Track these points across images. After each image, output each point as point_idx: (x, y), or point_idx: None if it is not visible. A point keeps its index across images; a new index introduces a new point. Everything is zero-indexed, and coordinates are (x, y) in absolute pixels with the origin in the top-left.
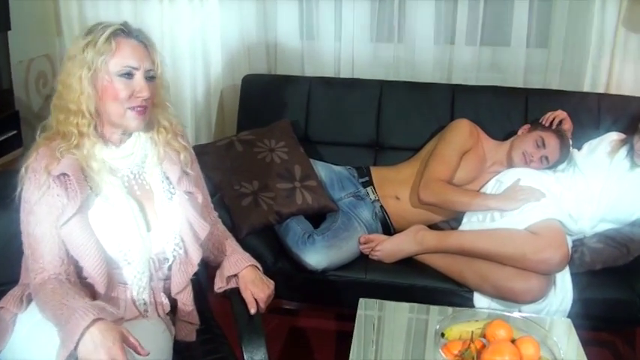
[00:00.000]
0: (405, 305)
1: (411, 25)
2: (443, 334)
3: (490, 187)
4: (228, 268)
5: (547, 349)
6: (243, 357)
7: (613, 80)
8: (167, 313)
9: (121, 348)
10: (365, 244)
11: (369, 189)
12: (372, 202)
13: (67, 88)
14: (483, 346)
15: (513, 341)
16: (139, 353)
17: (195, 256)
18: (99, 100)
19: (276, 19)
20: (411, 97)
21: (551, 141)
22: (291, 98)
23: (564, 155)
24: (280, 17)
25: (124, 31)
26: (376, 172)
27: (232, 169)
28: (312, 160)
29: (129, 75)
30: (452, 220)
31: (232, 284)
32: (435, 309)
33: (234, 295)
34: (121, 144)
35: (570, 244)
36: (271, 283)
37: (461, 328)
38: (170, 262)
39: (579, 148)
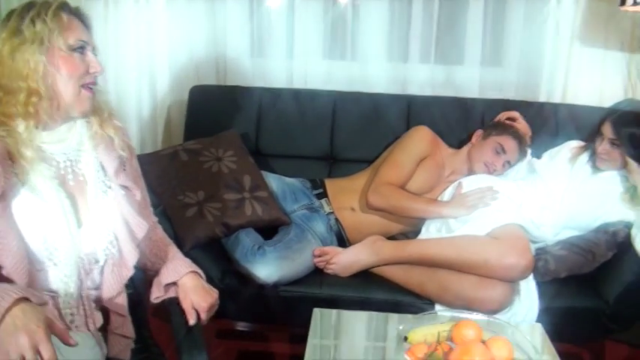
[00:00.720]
0: (363, 314)
1: (365, 43)
2: (406, 338)
3: (447, 195)
4: (167, 275)
5: (520, 350)
6: None
7: (568, 94)
8: (98, 329)
9: (45, 332)
10: (319, 257)
11: (323, 201)
12: (327, 215)
13: (4, 65)
14: (451, 350)
15: (483, 342)
16: (66, 342)
17: (131, 258)
18: (52, 77)
19: (225, 34)
20: (365, 108)
21: (509, 144)
22: (240, 110)
23: (522, 154)
24: (230, 33)
25: (67, 6)
26: (331, 184)
27: (176, 178)
28: (262, 172)
29: (82, 49)
30: (410, 233)
31: (171, 293)
32: (394, 316)
33: (173, 305)
34: (56, 127)
35: (533, 252)
36: (215, 292)
37: (425, 331)
38: (102, 263)
39: (539, 157)
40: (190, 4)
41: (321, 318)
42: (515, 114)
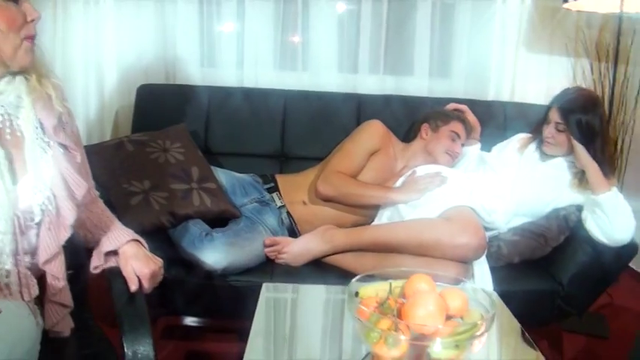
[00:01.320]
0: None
1: (315, 54)
2: (357, 294)
3: (399, 185)
4: (107, 243)
5: (476, 302)
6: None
7: (516, 99)
8: (34, 300)
9: None
10: (270, 246)
11: (274, 194)
12: (278, 208)
13: None
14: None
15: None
16: None
17: (69, 216)
18: None
19: (175, 45)
20: (316, 107)
21: (460, 128)
22: (189, 108)
23: (467, 134)
24: (180, 43)
25: None
26: (282, 179)
27: (121, 168)
28: (212, 167)
29: None
30: (363, 224)
31: (111, 262)
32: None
33: (113, 275)
34: None
35: (486, 239)
36: (159, 260)
37: (377, 286)
38: (37, 220)
39: (489, 151)
40: (140, 21)
41: (272, 291)
42: (464, 107)
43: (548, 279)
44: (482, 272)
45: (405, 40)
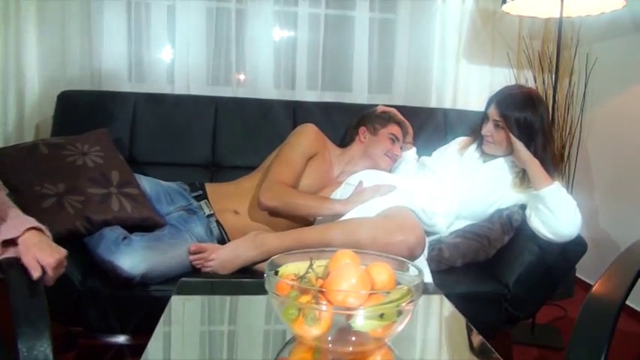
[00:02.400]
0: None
1: (251, 69)
2: (277, 272)
3: (340, 193)
4: (5, 231)
5: (406, 278)
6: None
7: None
8: None
9: None
10: (196, 254)
11: (202, 202)
12: (207, 217)
13: None
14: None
15: None
16: None
17: None
18: None
19: (101, 58)
20: (249, 114)
21: (398, 130)
22: (113, 115)
23: (404, 136)
24: (106, 57)
25: None
26: (212, 187)
27: (34, 171)
28: (135, 174)
29: None
30: None
31: (10, 253)
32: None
33: (9, 267)
34: None
35: (427, 243)
36: (63, 251)
37: (299, 265)
38: None
39: (429, 155)
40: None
41: (187, 287)
42: (393, 110)
43: (494, 282)
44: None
45: (343, 56)
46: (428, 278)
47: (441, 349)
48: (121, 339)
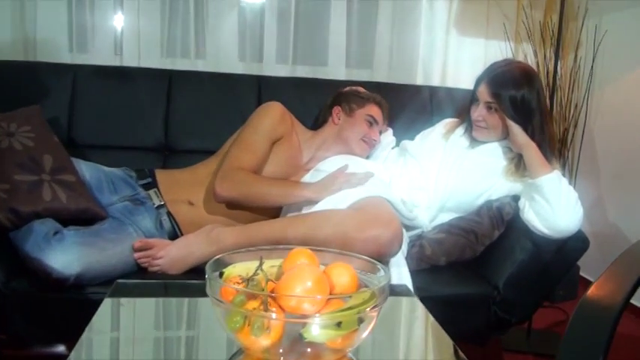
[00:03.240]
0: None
1: (212, 39)
2: (222, 274)
3: (308, 179)
4: None
5: (373, 280)
6: None
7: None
8: None
9: None
10: (142, 250)
11: (152, 192)
12: (156, 208)
13: None
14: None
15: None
16: None
17: None
18: None
19: (36, 25)
20: (208, 90)
21: (377, 111)
22: (50, 91)
23: (385, 119)
24: (42, 23)
25: None
26: (163, 174)
27: None
28: (73, 159)
29: None
30: None
31: None
32: None
33: None
34: None
35: (407, 240)
36: None
37: (249, 265)
38: None
39: (412, 139)
40: None
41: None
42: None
43: (481, 282)
44: (399, 275)
45: (317, 24)
46: (406, 279)
47: None
48: (52, 349)
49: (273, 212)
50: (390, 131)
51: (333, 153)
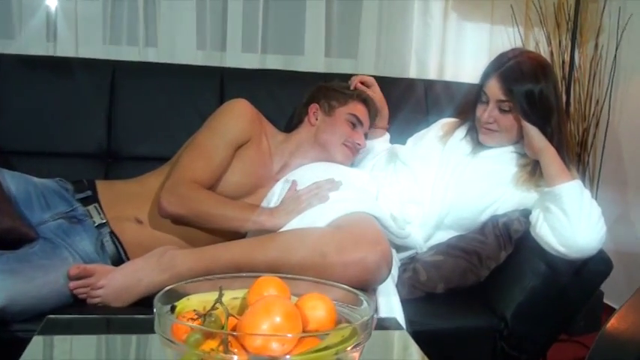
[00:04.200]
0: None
1: (166, 24)
2: (174, 308)
3: (277, 194)
4: None
5: (355, 314)
6: None
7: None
8: None
9: None
10: (79, 279)
11: (91, 207)
12: (97, 227)
13: None
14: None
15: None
16: None
17: None
18: None
19: None
20: (161, 85)
21: (363, 111)
22: None
23: (372, 119)
24: None
25: None
26: (105, 186)
27: None
28: None
29: None
30: None
31: None
32: None
33: None
34: None
35: (398, 263)
36: None
37: (207, 297)
38: None
39: (403, 143)
40: None
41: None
42: (371, 80)
43: (486, 313)
44: (389, 306)
45: (292, 6)
46: (397, 310)
47: None
48: None
49: (229, 234)
50: (387, 137)
51: (310, 160)
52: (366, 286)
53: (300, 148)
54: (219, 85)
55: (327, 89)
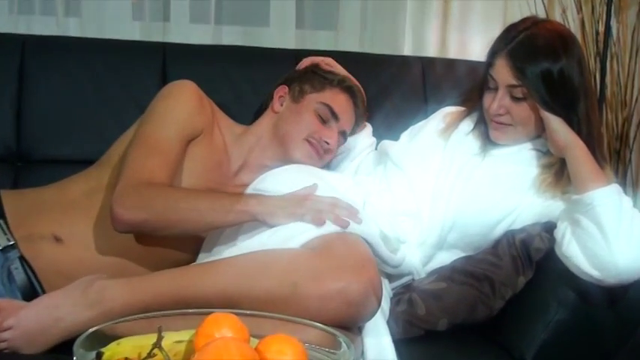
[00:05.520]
0: None
1: None
2: (100, 355)
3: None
4: None
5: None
6: None
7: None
8: None
9: None
10: None
11: None
12: (3, 251)
13: None
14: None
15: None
16: None
17: None
18: None
19: None
20: (84, 65)
21: (341, 101)
22: None
23: (359, 120)
24: None
25: None
26: (13, 197)
27: None
28: None
29: None
30: None
31: None
32: None
33: None
34: None
35: (390, 294)
36: None
37: (140, 342)
38: None
39: (396, 139)
40: None
41: None
42: (330, 60)
43: (500, 355)
44: (378, 348)
45: None
46: (388, 354)
47: None
48: None
49: (194, 246)
50: (369, 129)
51: (270, 159)
52: (349, 323)
53: (259, 142)
54: (160, 65)
55: (306, 70)
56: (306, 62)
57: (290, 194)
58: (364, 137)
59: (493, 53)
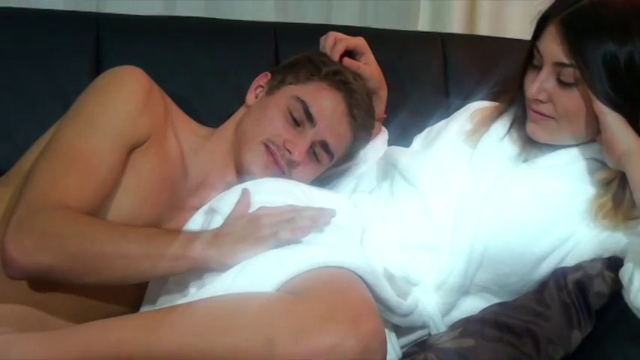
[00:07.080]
0: None
1: None
2: None
3: (198, 229)
4: None
5: None
6: None
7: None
8: None
9: None
10: None
11: None
12: None
13: None
14: None
15: None
16: None
17: None
18: None
19: None
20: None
21: (327, 103)
22: None
23: (363, 141)
24: None
25: None
26: None
27: None
28: None
29: None
30: None
31: None
32: None
33: None
34: None
35: (397, 353)
36: None
37: None
38: None
39: (407, 144)
40: None
41: None
42: (360, 42)
43: None
44: None
45: None
46: None
47: None
48: None
49: (133, 296)
50: (383, 137)
51: (233, 168)
52: None
53: (226, 149)
54: (93, 43)
55: (301, 57)
56: (329, 39)
57: (232, 218)
58: (378, 147)
59: (543, 21)
